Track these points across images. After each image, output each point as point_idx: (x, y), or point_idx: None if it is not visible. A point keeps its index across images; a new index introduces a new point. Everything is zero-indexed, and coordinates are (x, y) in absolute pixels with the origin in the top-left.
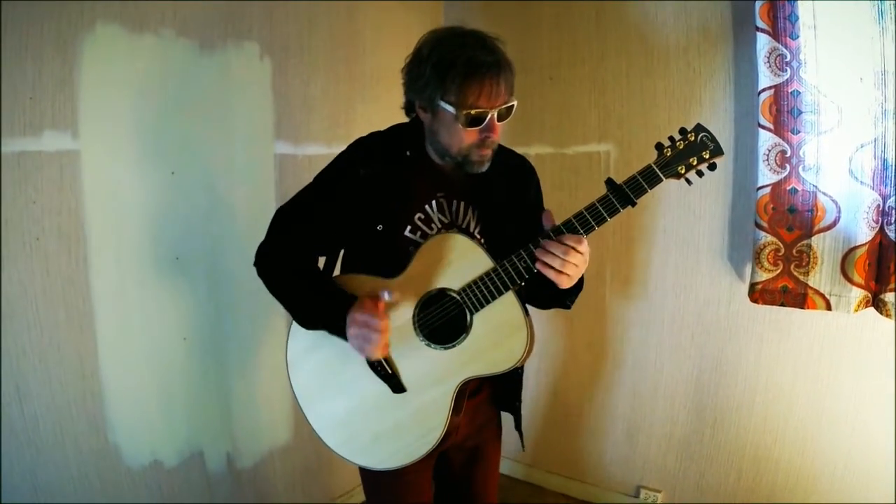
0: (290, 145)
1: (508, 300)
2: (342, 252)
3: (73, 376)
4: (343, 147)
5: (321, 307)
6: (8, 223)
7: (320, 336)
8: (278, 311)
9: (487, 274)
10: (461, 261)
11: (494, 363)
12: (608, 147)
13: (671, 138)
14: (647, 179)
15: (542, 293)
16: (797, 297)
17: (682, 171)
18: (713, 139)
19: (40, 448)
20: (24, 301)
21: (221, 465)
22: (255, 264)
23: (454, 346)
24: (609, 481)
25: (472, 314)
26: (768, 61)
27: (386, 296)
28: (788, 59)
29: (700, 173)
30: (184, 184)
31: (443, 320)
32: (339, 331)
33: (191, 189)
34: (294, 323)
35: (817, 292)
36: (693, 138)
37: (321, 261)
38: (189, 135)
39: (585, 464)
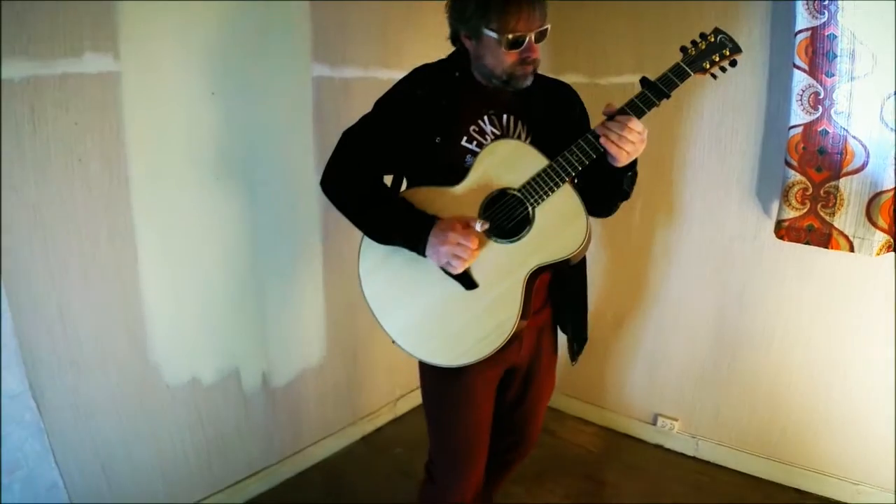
0: (328, 68)
1: (566, 192)
2: (405, 174)
3: (115, 296)
4: (378, 71)
5: (399, 224)
6: (50, 144)
7: (390, 250)
8: (314, 232)
9: (544, 170)
10: (518, 162)
11: (558, 250)
12: None
13: (693, 41)
14: (676, 75)
15: (600, 188)
16: (822, 236)
17: (707, 67)
18: (731, 39)
19: (82, 367)
20: (66, 221)
21: (257, 384)
22: (323, 183)
23: (519, 239)
24: (628, 408)
25: (533, 208)
26: (807, 2)
27: (478, 226)
28: (826, 1)
29: (723, 69)
30: (223, 104)
31: (506, 217)
32: (417, 246)
33: (230, 109)
34: (365, 239)
35: (842, 233)
36: (713, 39)
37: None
38: (228, 55)
39: (606, 391)
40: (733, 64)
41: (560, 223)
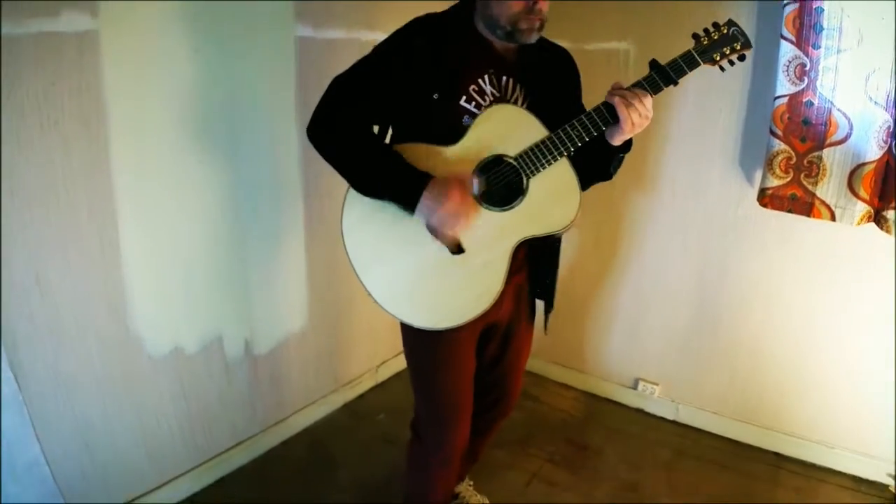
0: (311, 29)
1: (563, 166)
2: (394, 126)
3: (94, 264)
4: (362, 32)
5: (391, 179)
6: (25, 106)
7: (377, 205)
8: (297, 197)
9: (544, 141)
10: (517, 129)
11: (548, 224)
12: (628, 46)
13: (706, 30)
14: (686, 62)
15: (587, 165)
16: (804, 205)
17: (717, 58)
18: (743, 33)
19: (62, 338)
20: (43, 187)
21: (239, 352)
22: (309, 130)
23: (511, 208)
24: (609, 373)
25: (528, 178)
26: None
27: (475, 186)
28: None
29: (731, 62)
30: (205, 65)
31: (500, 184)
32: (408, 204)
33: (212, 70)
34: (350, 191)
35: (823, 203)
36: (726, 31)
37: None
38: (211, 13)
39: (587, 356)
40: (742, 58)
41: (553, 197)
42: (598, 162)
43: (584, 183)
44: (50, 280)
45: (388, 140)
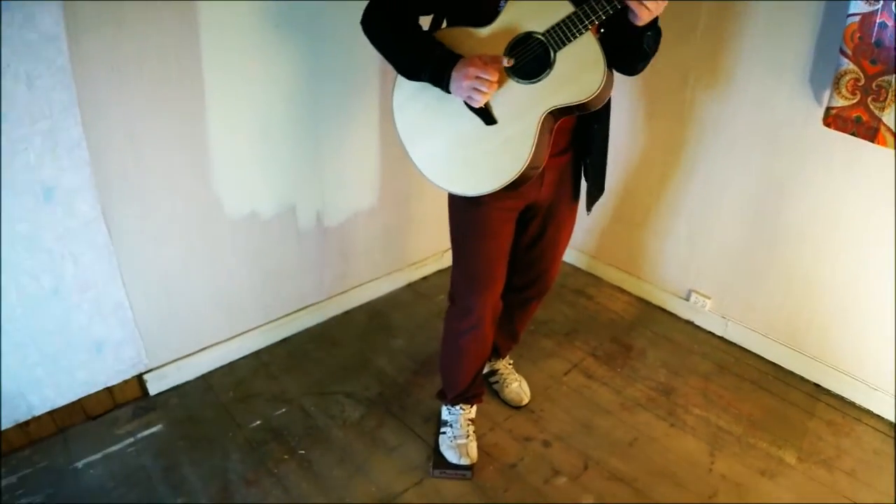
0: None
1: (588, 40)
2: (444, 14)
3: (181, 131)
4: None
5: (426, 61)
6: None
7: (420, 86)
8: (373, 78)
9: (569, 16)
10: (546, 8)
11: (574, 94)
12: None
13: None
14: None
15: (622, 46)
16: (869, 129)
17: None
18: None
19: (149, 196)
20: (137, 58)
21: (311, 221)
22: (362, 22)
23: (539, 80)
24: (664, 282)
25: (555, 52)
26: None
27: (504, 62)
28: None
29: None
30: None
31: (529, 58)
32: (442, 82)
33: None
34: (398, 76)
35: (889, 129)
36: None
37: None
38: None
39: (644, 262)
40: None
41: (579, 69)
42: (632, 40)
43: (630, 63)
44: (142, 143)
45: (444, 26)
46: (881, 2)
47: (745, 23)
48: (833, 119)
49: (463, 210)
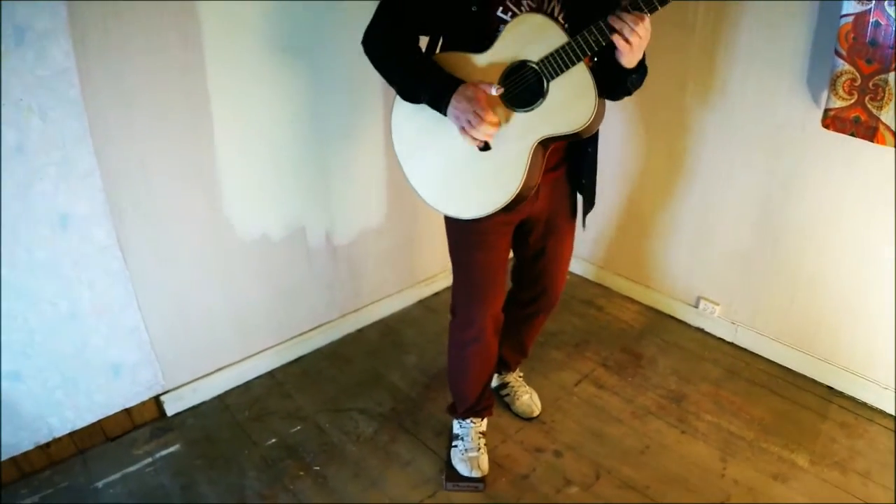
0: None
1: (580, 70)
2: (441, 37)
3: (191, 157)
4: None
5: (426, 84)
6: (133, 26)
7: (418, 107)
8: (376, 96)
9: (563, 47)
10: (540, 37)
11: (566, 123)
12: None
13: None
14: None
15: (607, 77)
16: (868, 129)
17: None
18: None
19: (162, 221)
20: (147, 89)
21: (321, 241)
22: (363, 43)
23: (532, 108)
24: (672, 290)
25: (548, 81)
26: None
27: (493, 90)
28: None
29: None
30: None
31: (523, 87)
32: (440, 106)
33: None
34: (397, 96)
35: (888, 128)
36: None
37: (423, 42)
38: None
39: (652, 271)
40: None
41: (571, 99)
42: (615, 74)
43: (613, 94)
44: (154, 170)
45: (439, 50)
46: (874, 1)
47: (739, 29)
48: (831, 121)
49: (457, 226)
